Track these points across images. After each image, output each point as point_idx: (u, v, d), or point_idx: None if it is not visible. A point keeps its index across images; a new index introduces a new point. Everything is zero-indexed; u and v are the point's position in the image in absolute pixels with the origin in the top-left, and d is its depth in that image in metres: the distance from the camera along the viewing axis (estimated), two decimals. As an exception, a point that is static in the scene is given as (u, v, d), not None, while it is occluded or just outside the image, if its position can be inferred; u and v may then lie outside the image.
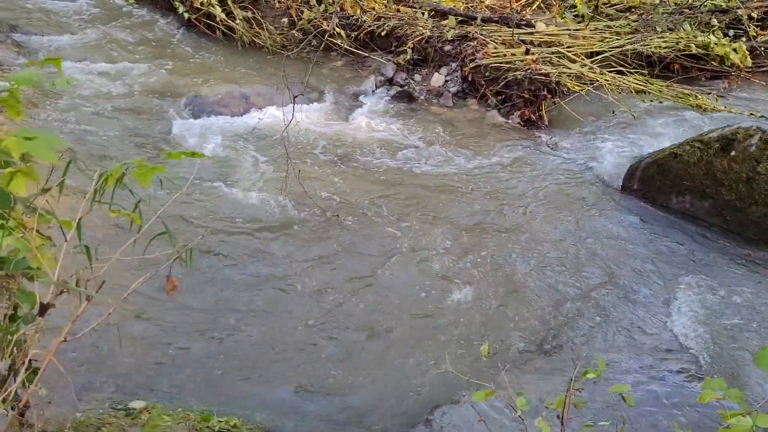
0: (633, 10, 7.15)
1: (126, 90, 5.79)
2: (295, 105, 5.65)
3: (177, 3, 7.06)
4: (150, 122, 5.34)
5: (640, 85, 6.10)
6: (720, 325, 3.71)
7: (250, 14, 6.87)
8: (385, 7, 6.78)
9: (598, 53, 6.36)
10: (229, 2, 6.92)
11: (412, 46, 6.40)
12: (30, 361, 2.04)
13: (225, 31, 6.88)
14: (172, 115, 5.52)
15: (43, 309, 1.76)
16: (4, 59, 6.14)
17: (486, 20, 6.68)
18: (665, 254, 4.28)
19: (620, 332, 3.67)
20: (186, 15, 6.99)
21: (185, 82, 6.09)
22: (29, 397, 2.17)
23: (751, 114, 5.80)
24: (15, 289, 1.96)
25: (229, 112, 5.56)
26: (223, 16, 6.84)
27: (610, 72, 6.18)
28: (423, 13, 6.76)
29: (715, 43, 6.40)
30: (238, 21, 6.82)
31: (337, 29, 6.57)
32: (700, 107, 5.88)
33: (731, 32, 6.81)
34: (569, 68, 6.08)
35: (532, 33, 6.53)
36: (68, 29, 6.91)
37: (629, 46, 6.38)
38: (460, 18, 6.72)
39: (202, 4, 6.89)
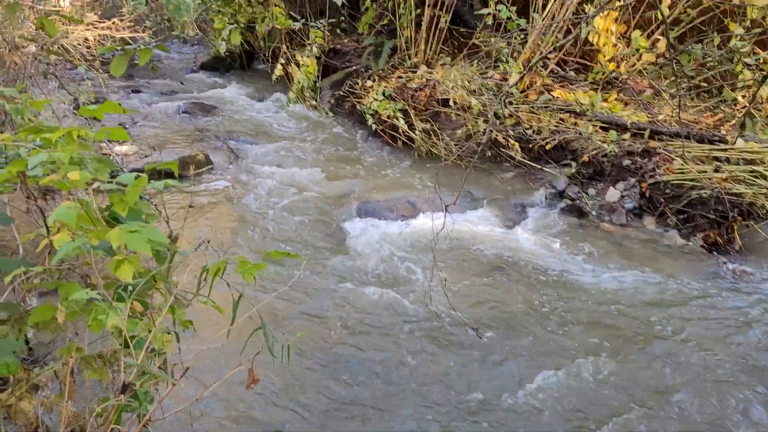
0: None
1: (310, 192, 6.30)
2: (460, 214, 5.74)
3: (367, 116, 7.69)
4: (322, 224, 5.71)
5: None
6: None
7: (429, 126, 7.22)
8: (561, 120, 6.69)
9: (809, 173, 5.60)
10: (412, 115, 7.36)
11: (587, 159, 6.18)
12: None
13: (405, 141, 7.29)
14: (344, 217, 5.87)
15: (125, 388, 1.91)
16: (219, 164, 7.06)
17: (672, 135, 6.27)
18: None
19: None
20: (374, 126, 7.58)
21: (363, 186, 6.49)
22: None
23: None
24: (123, 364, 2.16)
25: (393, 217, 5.76)
26: (405, 127, 7.28)
27: (823, 194, 5.37)
28: (596, 126, 6.54)
29: None
30: (417, 132, 7.20)
31: (512, 141, 6.61)
32: None
33: None
34: (768, 188, 5.42)
35: (725, 150, 5.97)
36: (272, 137, 7.82)
37: None
38: (634, 131, 6.38)
39: (388, 117, 7.43)
